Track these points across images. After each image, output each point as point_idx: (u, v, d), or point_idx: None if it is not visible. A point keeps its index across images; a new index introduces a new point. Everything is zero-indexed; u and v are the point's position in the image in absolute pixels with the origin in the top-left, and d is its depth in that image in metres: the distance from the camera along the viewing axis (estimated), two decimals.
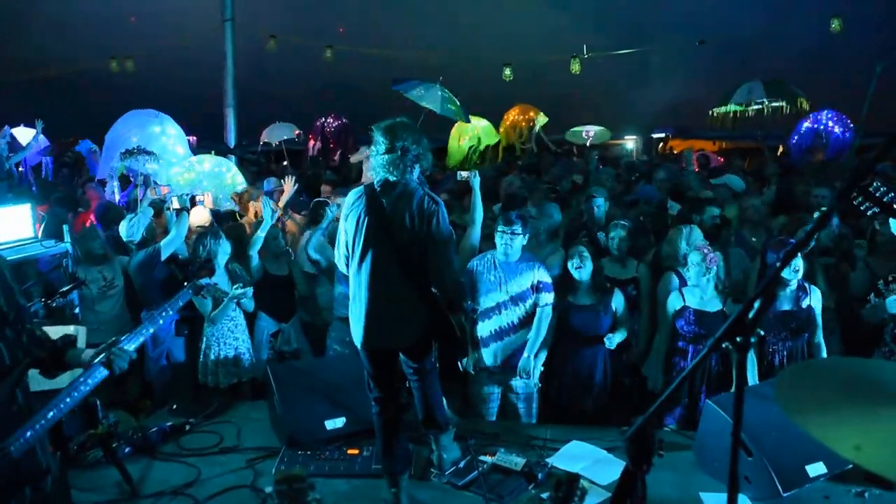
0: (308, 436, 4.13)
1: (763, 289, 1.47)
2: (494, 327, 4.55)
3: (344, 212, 3.61)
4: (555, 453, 4.00)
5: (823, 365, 1.97)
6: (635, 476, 1.64)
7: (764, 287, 1.48)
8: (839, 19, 11.27)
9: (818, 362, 1.91)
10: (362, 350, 3.58)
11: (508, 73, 13.10)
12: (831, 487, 3.55)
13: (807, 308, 4.35)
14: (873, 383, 1.67)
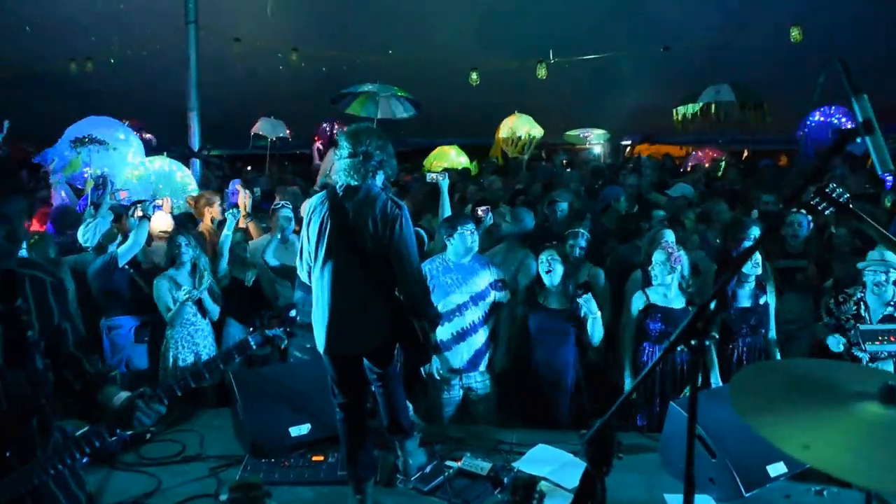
0: (272, 443, 4.08)
1: (714, 295, 1.48)
2: (456, 329, 4.54)
3: (305, 217, 3.58)
4: (521, 457, 4.01)
5: (775, 366, 2.00)
6: (595, 479, 1.64)
7: (715, 294, 1.49)
8: (799, 28, 11.53)
9: (770, 364, 1.94)
10: (325, 356, 3.55)
11: (475, 77, 13.14)
12: (792, 486, 3.61)
13: (764, 304, 4.45)
14: (822, 384, 1.71)
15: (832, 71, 1.56)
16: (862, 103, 1.53)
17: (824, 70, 1.62)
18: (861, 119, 1.51)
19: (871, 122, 1.49)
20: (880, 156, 1.51)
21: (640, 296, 4.57)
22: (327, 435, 4.05)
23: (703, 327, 1.49)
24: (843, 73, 1.56)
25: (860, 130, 1.48)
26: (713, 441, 3.53)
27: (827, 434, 1.59)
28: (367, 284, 3.40)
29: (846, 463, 1.54)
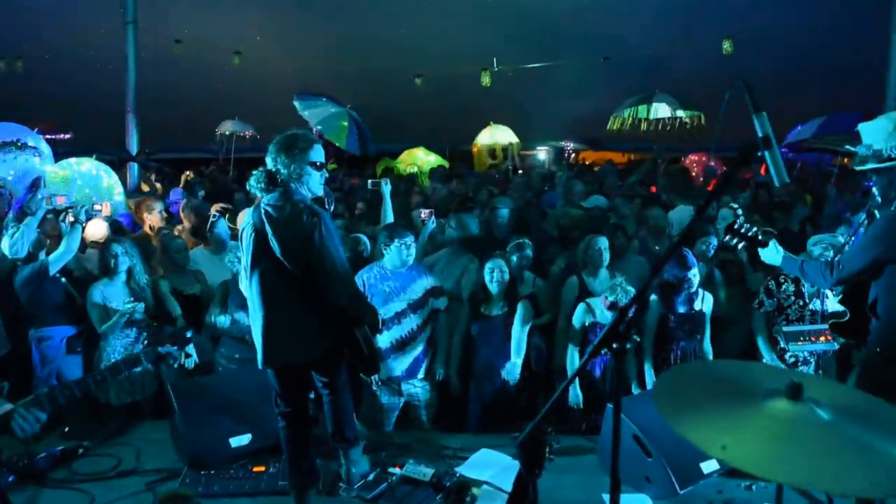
0: (212, 454, 4.01)
1: (633, 301, 1.54)
2: (395, 337, 4.55)
3: (241, 230, 3.56)
4: (464, 462, 4.03)
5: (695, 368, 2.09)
6: (527, 480, 1.67)
7: (633, 300, 1.55)
8: (730, 41, 11.96)
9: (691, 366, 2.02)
10: (264, 368, 3.51)
11: (419, 83, 13.18)
12: (724, 482, 3.73)
13: (699, 311, 4.58)
14: (738, 384, 1.79)
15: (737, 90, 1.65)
16: (761, 120, 1.62)
17: (729, 90, 1.70)
18: (761, 135, 1.60)
19: (770, 137, 1.58)
20: (777, 169, 1.60)
21: (585, 311, 4.59)
22: (269, 444, 4.01)
23: (625, 332, 1.54)
24: (745, 92, 1.64)
25: (760, 145, 1.56)
26: (649, 441, 3.62)
27: (742, 433, 1.67)
28: (295, 296, 3.36)
29: (759, 460, 1.62)
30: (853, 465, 1.63)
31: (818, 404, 1.76)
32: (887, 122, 3.19)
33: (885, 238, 3.12)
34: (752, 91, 1.66)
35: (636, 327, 4.41)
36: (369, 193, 8.77)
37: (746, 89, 1.66)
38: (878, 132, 3.20)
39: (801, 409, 1.74)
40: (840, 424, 1.72)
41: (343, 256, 3.47)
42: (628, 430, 3.70)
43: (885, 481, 1.57)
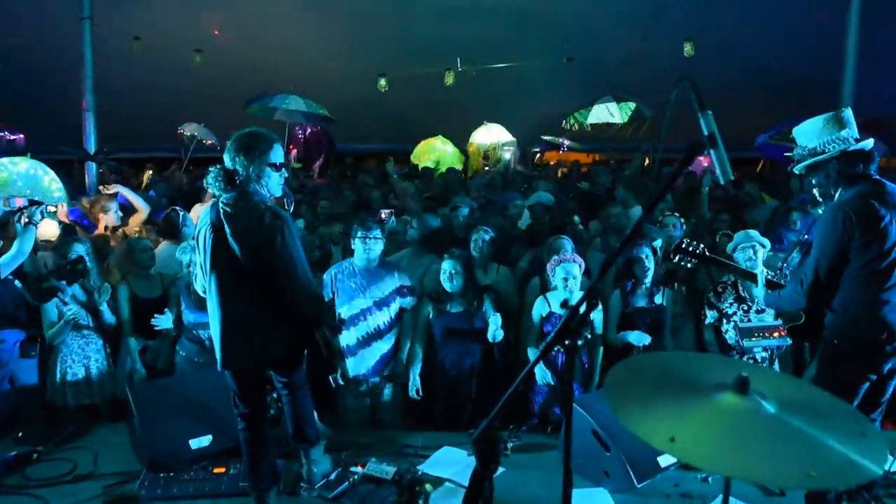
0: (171, 456, 3.97)
1: (583, 298, 1.57)
2: (361, 334, 4.55)
3: (196, 232, 3.52)
4: (426, 460, 4.06)
5: (643, 361, 2.13)
6: (483, 477, 1.69)
7: (584, 297, 1.58)
8: (691, 43, 12.20)
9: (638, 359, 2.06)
10: (223, 370, 3.48)
11: (384, 83, 13.14)
12: (681, 475, 3.82)
13: (659, 305, 4.67)
14: (687, 377, 1.83)
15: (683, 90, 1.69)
16: (707, 119, 1.67)
17: (676, 90, 1.75)
18: (706, 133, 1.64)
19: (715, 135, 1.62)
20: (722, 166, 1.65)
21: (542, 302, 4.68)
22: (230, 446, 3.98)
23: (576, 328, 1.57)
24: (691, 91, 1.69)
25: (705, 143, 1.61)
26: (607, 436, 3.69)
27: (690, 426, 1.71)
28: (254, 298, 3.34)
29: (705, 453, 1.66)
30: (792, 458, 1.67)
31: (764, 397, 1.81)
32: (817, 120, 3.30)
33: (835, 230, 3.19)
34: (698, 90, 1.70)
35: (587, 324, 4.52)
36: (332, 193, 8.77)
37: (692, 88, 1.71)
38: (811, 132, 3.31)
39: (747, 402, 1.79)
40: (784, 417, 1.77)
41: (304, 258, 3.45)
42: (587, 426, 3.76)
43: (820, 474, 1.62)
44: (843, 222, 3.15)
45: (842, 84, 10.52)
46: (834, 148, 3.21)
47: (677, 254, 4.15)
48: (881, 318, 3.17)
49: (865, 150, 3.24)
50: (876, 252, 3.15)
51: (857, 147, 3.22)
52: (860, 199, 3.17)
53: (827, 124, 3.27)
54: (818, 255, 3.26)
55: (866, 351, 3.21)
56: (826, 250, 3.22)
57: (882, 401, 3.38)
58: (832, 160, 3.26)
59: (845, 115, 3.29)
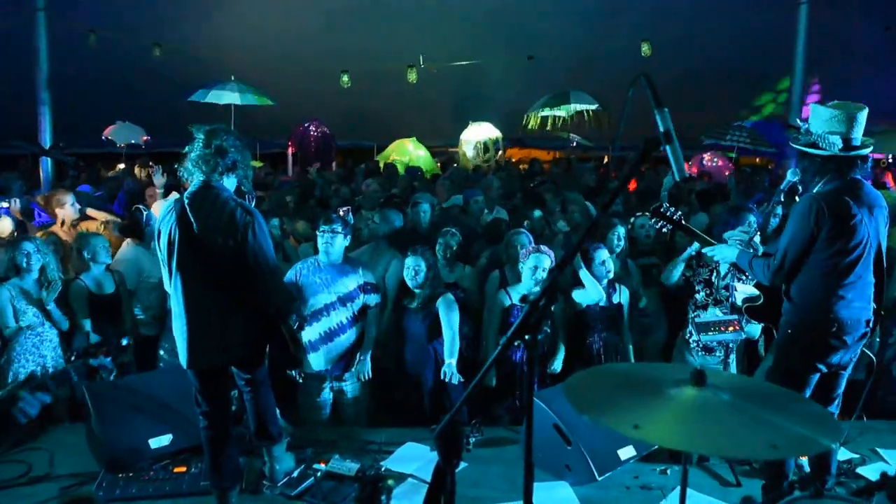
0: (131, 456, 3.92)
1: (543, 293, 1.60)
2: (324, 329, 4.54)
3: (157, 227, 3.46)
4: (390, 456, 4.07)
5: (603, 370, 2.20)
6: (445, 471, 1.71)
7: (544, 292, 1.61)
8: (648, 43, 12.39)
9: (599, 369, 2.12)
10: (188, 369, 3.44)
11: (346, 80, 13.06)
12: (640, 468, 3.90)
13: (617, 304, 4.75)
14: (647, 379, 1.89)
15: (639, 88, 1.73)
16: (663, 115, 1.71)
17: (632, 87, 1.78)
18: (662, 129, 1.68)
19: (671, 132, 1.67)
20: (678, 163, 1.69)
21: (503, 296, 4.72)
22: (191, 444, 3.94)
23: (536, 323, 1.60)
24: (647, 88, 1.72)
25: (661, 140, 1.65)
26: (568, 430, 3.74)
27: (654, 415, 1.77)
28: (222, 295, 3.32)
29: (668, 435, 1.73)
30: (753, 433, 1.76)
31: (719, 389, 1.89)
32: (831, 110, 3.25)
33: (807, 220, 3.25)
34: (654, 87, 1.73)
35: (548, 319, 4.58)
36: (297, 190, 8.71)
37: (648, 85, 1.74)
38: (819, 118, 3.29)
39: (704, 393, 1.86)
40: (739, 404, 1.85)
41: (273, 253, 3.45)
42: (549, 420, 3.81)
43: (783, 445, 1.70)
44: (816, 213, 3.22)
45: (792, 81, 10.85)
46: (831, 147, 3.21)
47: (654, 216, 4.20)
48: (834, 312, 3.26)
49: (861, 156, 3.26)
50: (841, 248, 3.23)
51: (853, 154, 3.23)
52: (836, 194, 3.23)
53: (835, 118, 3.23)
54: (788, 240, 3.33)
55: (815, 342, 3.31)
56: (796, 237, 3.30)
57: (835, 395, 3.48)
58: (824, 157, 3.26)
59: (858, 116, 3.23)
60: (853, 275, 3.26)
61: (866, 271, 3.30)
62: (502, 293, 4.74)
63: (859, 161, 3.27)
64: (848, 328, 3.27)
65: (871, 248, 3.29)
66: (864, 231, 3.23)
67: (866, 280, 3.32)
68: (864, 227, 3.22)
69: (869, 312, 3.34)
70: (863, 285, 3.30)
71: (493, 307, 4.79)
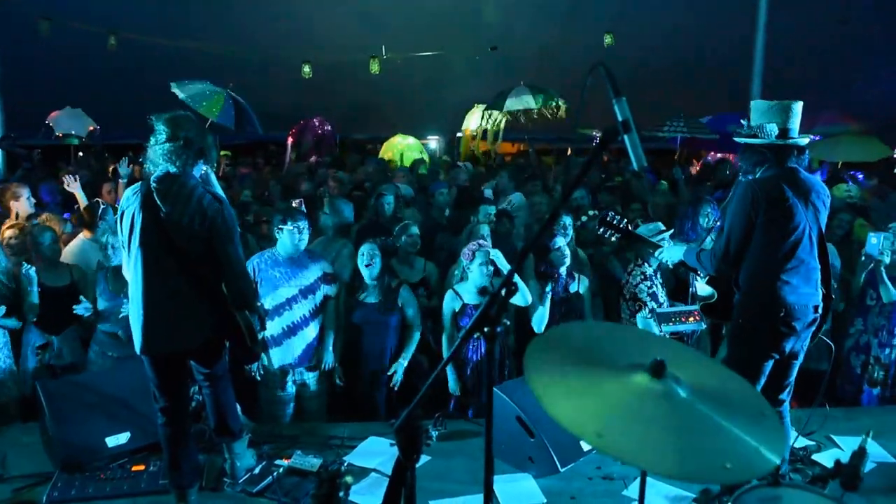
0: (86, 455, 3.83)
1: (502, 285, 1.59)
2: (286, 323, 4.49)
3: (119, 211, 3.39)
4: (352, 451, 4.05)
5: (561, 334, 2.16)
6: (405, 466, 1.69)
7: (503, 283, 1.60)
8: (611, 34, 12.49)
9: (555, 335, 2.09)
10: (143, 357, 3.37)
11: (308, 70, 12.89)
12: (603, 458, 3.92)
13: (575, 293, 4.76)
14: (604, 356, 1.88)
15: (596, 77, 1.72)
16: (621, 105, 1.71)
17: (590, 77, 1.77)
18: (620, 119, 1.68)
19: (629, 121, 1.67)
20: (636, 152, 1.69)
21: (452, 297, 4.62)
22: (149, 442, 3.88)
23: (496, 315, 1.59)
24: (606, 77, 1.72)
25: (619, 130, 1.65)
26: (531, 422, 3.75)
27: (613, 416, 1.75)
28: (184, 280, 3.28)
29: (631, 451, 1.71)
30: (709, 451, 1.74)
31: (678, 381, 1.88)
32: (769, 103, 3.41)
33: (744, 206, 3.34)
34: (613, 76, 1.73)
35: (506, 311, 4.58)
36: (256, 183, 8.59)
37: (607, 74, 1.74)
38: (759, 110, 3.42)
39: (662, 386, 1.85)
40: (696, 404, 1.84)
41: (240, 244, 3.43)
42: (512, 412, 3.82)
43: (734, 466, 1.69)
44: (752, 198, 3.31)
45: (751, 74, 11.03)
46: (767, 136, 3.33)
47: (601, 226, 4.25)
48: (781, 298, 3.33)
49: (799, 146, 3.39)
50: (779, 233, 3.31)
51: (791, 143, 3.35)
52: (773, 180, 3.33)
53: (771, 110, 3.37)
54: (729, 228, 3.42)
55: (767, 330, 3.38)
56: (735, 224, 3.38)
57: (787, 382, 3.55)
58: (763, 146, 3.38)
59: (793, 107, 3.38)
60: (795, 259, 3.33)
61: (809, 256, 3.38)
62: (450, 294, 4.64)
63: (795, 150, 3.39)
64: (796, 313, 3.34)
65: (812, 233, 3.37)
66: (801, 216, 3.32)
67: (810, 265, 3.39)
68: (800, 212, 3.31)
69: (817, 299, 3.41)
70: (807, 270, 3.37)
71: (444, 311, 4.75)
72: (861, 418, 4.49)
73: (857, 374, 5.16)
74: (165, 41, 13.06)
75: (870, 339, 5.12)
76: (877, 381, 5.10)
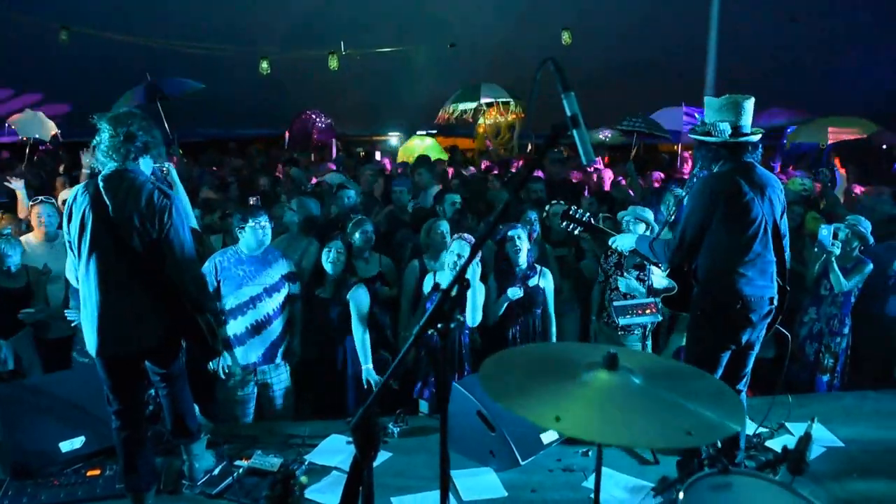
0: (39, 461, 3.75)
1: (454, 281, 1.59)
2: (251, 322, 4.44)
3: (66, 212, 3.31)
4: (314, 449, 4.02)
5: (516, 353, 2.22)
6: (361, 464, 1.69)
7: (455, 279, 1.60)
8: (569, 32, 12.58)
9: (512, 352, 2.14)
10: (98, 359, 3.30)
11: (265, 66, 12.71)
12: (563, 450, 3.99)
13: (534, 287, 4.78)
14: (560, 361, 1.92)
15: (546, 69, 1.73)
16: (569, 100, 1.72)
17: (539, 71, 1.79)
18: (569, 114, 1.70)
19: (578, 116, 1.68)
20: (585, 147, 1.70)
21: (429, 279, 4.68)
22: (106, 446, 3.79)
23: (449, 311, 1.60)
24: (555, 72, 1.73)
25: (568, 124, 1.66)
26: (492, 416, 3.78)
27: (571, 404, 1.79)
28: (137, 280, 3.21)
29: (587, 427, 1.76)
30: (668, 420, 1.80)
31: (632, 372, 1.93)
32: (721, 100, 3.47)
33: (701, 200, 3.41)
34: (562, 71, 1.74)
35: (460, 306, 4.60)
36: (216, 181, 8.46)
37: (556, 69, 1.75)
38: (712, 108, 3.49)
39: (617, 377, 1.90)
40: (652, 388, 1.90)
41: (190, 240, 3.36)
42: (472, 407, 3.84)
43: (696, 432, 1.75)
44: (710, 193, 3.39)
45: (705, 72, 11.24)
46: (721, 134, 3.39)
47: (564, 220, 4.29)
48: (737, 290, 3.40)
49: (751, 143, 3.45)
50: (736, 227, 3.38)
51: (743, 140, 3.42)
52: (729, 175, 3.40)
53: (724, 107, 3.43)
54: (685, 220, 3.49)
55: (724, 321, 3.45)
56: (691, 217, 3.45)
57: (744, 372, 3.63)
58: (717, 143, 3.44)
59: (745, 104, 3.44)
60: (752, 252, 3.40)
61: (765, 249, 3.45)
62: (430, 277, 4.68)
63: (749, 146, 3.46)
64: (753, 305, 3.41)
65: (768, 227, 3.45)
66: (758, 210, 3.39)
67: (766, 258, 3.46)
68: (756, 206, 3.38)
69: (773, 291, 3.49)
70: (763, 263, 3.45)
71: (410, 297, 4.77)
72: (812, 405, 4.62)
73: (811, 362, 5.30)
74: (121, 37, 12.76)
75: (822, 328, 5.27)
76: (826, 369, 5.26)
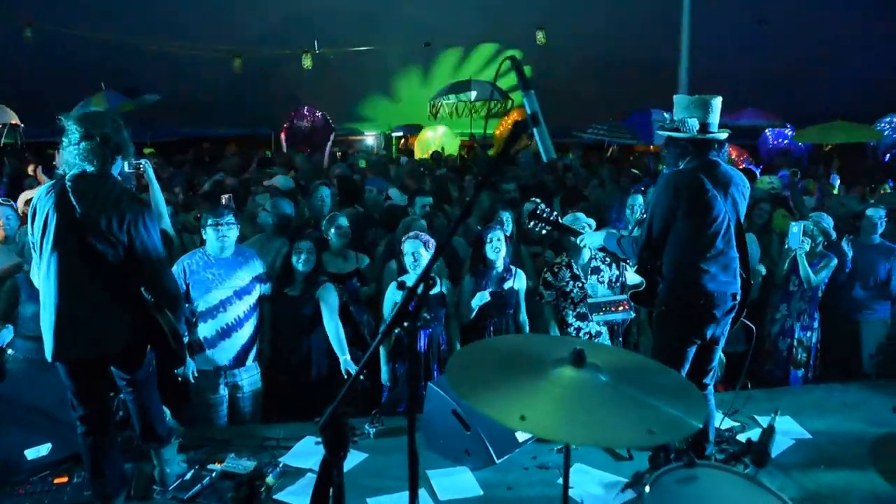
0: (3, 470, 3.65)
1: (420, 279, 1.58)
2: (220, 325, 4.38)
3: (30, 211, 3.23)
4: (288, 452, 3.98)
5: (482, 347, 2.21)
6: (331, 464, 1.67)
7: (420, 278, 1.59)
8: (543, 31, 12.64)
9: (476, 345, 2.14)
10: (58, 364, 3.22)
11: (238, 64, 12.61)
12: (538, 448, 3.99)
13: (509, 290, 4.77)
14: (528, 356, 1.91)
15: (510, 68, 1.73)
16: (530, 98, 1.72)
17: (498, 69, 1.79)
18: (529, 112, 1.70)
19: (538, 114, 1.68)
20: (545, 144, 1.71)
21: (393, 289, 4.60)
22: (73, 452, 3.72)
23: (415, 310, 1.58)
24: (515, 70, 1.73)
25: (529, 122, 1.66)
26: (467, 415, 3.76)
27: (537, 403, 1.79)
28: (100, 283, 3.15)
29: (552, 426, 1.75)
30: (634, 420, 1.81)
31: (598, 369, 1.93)
32: (690, 98, 3.53)
33: (665, 197, 3.45)
34: (521, 69, 1.74)
35: (426, 305, 4.58)
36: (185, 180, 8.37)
37: (516, 68, 1.75)
38: (680, 105, 3.54)
39: (584, 374, 1.90)
40: (618, 385, 1.90)
41: (161, 243, 3.32)
42: (447, 406, 3.83)
43: (659, 431, 1.75)
44: (673, 189, 3.43)
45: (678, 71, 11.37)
46: (689, 131, 3.44)
47: (531, 219, 4.29)
48: (701, 286, 3.44)
49: (717, 140, 3.50)
50: (699, 222, 3.41)
51: (710, 137, 3.46)
52: (692, 172, 3.44)
53: (692, 105, 3.48)
54: (650, 217, 3.53)
55: (689, 316, 3.49)
56: (656, 213, 3.49)
57: (710, 367, 3.68)
58: (685, 139, 3.48)
59: (712, 103, 3.49)
60: (714, 248, 3.44)
61: (728, 246, 3.49)
62: (393, 287, 4.62)
63: (716, 144, 3.51)
64: (716, 300, 3.45)
65: (731, 224, 3.49)
66: (720, 207, 3.42)
67: (729, 255, 3.50)
68: (719, 203, 3.42)
69: (735, 286, 3.53)
70: (726, 260, 3.49)
71: (385, 304, 4.71)
72: (782, 398, 4.68)
73: (784, 357, 5.38)
74: (90, 34, 12.57)
75: (793, 324, 5.35)
76: (800, 363, 5.33)
